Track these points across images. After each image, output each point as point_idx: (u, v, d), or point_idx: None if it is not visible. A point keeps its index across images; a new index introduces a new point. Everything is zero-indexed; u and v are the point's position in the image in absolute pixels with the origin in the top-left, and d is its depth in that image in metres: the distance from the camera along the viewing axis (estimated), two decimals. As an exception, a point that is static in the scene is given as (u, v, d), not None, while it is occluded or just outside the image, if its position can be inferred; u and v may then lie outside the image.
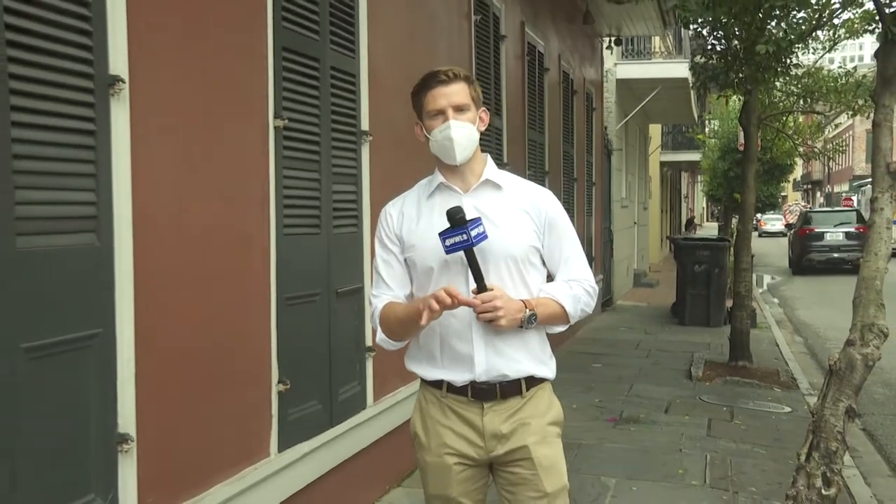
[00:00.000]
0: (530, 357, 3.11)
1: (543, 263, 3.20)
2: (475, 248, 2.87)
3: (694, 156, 35.59)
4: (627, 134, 21.94)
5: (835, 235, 28.61)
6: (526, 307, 2.97)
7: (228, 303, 4.35)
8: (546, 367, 3.18)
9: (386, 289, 3.18)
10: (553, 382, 3.24)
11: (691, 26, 11.61)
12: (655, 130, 31.86)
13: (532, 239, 3.10)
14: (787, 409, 8.97)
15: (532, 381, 3.13)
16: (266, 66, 4.69)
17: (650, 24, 16.11)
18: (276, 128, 4.74)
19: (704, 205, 70.28)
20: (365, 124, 5.80)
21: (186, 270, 4.04)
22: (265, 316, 4.70)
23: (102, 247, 3.52)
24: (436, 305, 2.79)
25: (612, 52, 18.65)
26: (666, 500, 6.03)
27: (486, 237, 2.89)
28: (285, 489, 4.71)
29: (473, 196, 3.11)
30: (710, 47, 11.39)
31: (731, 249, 14.01)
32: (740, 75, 10.61)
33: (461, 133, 3.00)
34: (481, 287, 2.89)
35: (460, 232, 2.83)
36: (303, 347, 5.03)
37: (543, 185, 10.99)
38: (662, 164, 36.01)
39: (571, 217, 12.92)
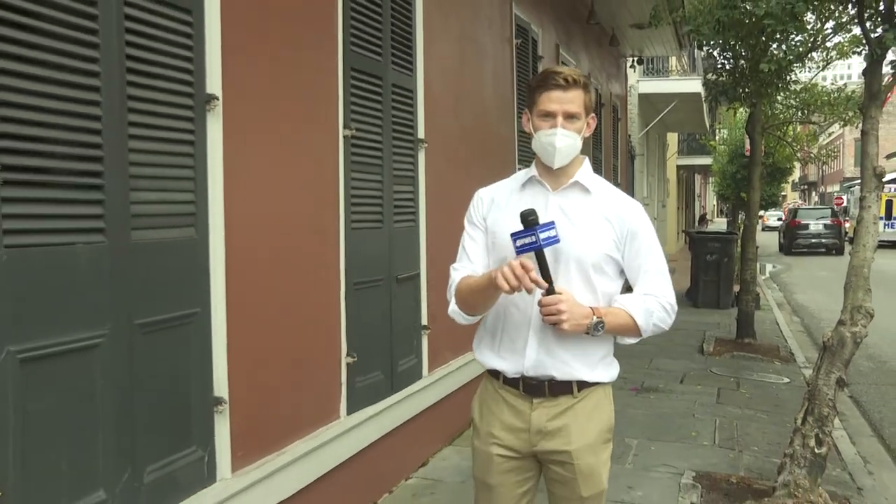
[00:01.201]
0: (584, 362, 2.80)
1: (621, 274, 2.87)
2: (547, 249, 2.62)
3: (706, 160, 35.29)
4: (648, 141, 21.80)
5: (816, 226, 33.57)
6: (594, 314, 2.68)
7: (304, 287, 4.43)
8: (603, 371, 2.88)
9: (467, 262, 2.92)
10: None
11: (704, 48, 11.70)
12: (672, 138, 31.66)
13: (609, 247, 2.78)
14: (786, 380, 8.97)
15: (585, 384, 2.83)
16: (336, 83, 4.76)
17: (668, 46, 16.05)
18: (345, 136, 4.80)
19: (715, 203, 69.46)
20: (421, 133, 5.85)
21: (269, 259, 4.11)
22: (336, 298, 4.77)
23: (200, 239, 3.61)
24: (508, 272, 2.50)
25: (634, 71, 18.55)
26: (681, 457, 6.06)
27: (556, 241, 2.62)
28: (353, 446, 4.77)
29: (560, 195, 2.85)
30: (720, 66, 11.56)
31: (739, 242, 13.97)
32: (746, 90, 10.67)
33: (565, 142, 2.74)
34: (550, 289, 2.62)
35: (530, 233, 2.58)
36: (368, 325, 5.08)
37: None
38: (678, 167, 35.73)
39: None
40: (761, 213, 18.00)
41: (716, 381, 8.82)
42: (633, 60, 17.13)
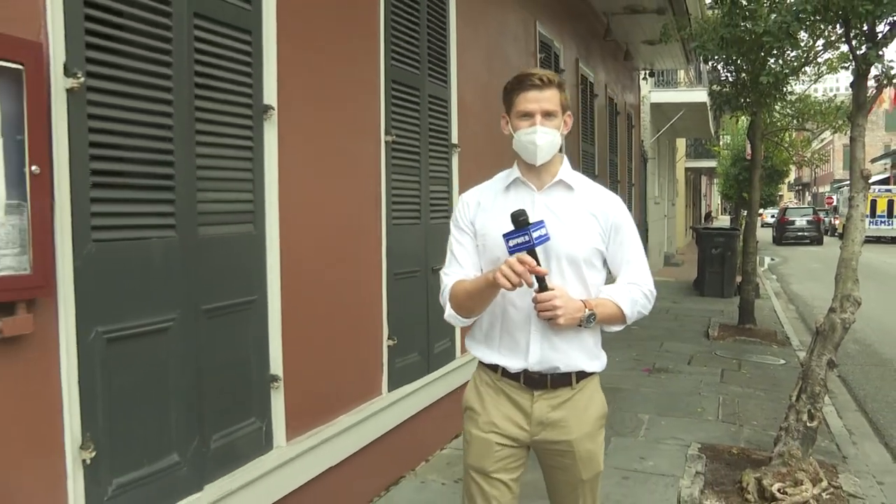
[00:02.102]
0: (583, 352, 2.67)
1: (605, 265, 2.73)
2: (539, 248, 2.48)
3: (711, 163, 35.28)
4: (659, 146, 21.68)
5: (801, 222, 36.60)
6: (586, 307, 2.55)
7: (350, 276, 4.48)
8: (597, 361, 2.75)
9: (458, 267, 2.72)
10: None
11: (709, 62, 11.72)
12: (681, 143, 31.47)
13: (596, 241, 2.65)
14: (782, 362, 8.93)
15: (582, 374, 2.70)
16: (379, 94, 4.81)
17: (676, 60, 16.01)
18: (386, 142, 4.85)
19: (719, 201, 69.06)
20: (455, 139, 5.87)
21: (318, 251, 4.17)
22: (378, 287, 4.82)
23: (257, 234, 3.68)
24: (508, 270, 2.37)
25: (647, 82, 18.48)
26: (688, 431, 6.07)
27: (548, 239, 2.49)
28: (394, 419, 4.83)
29: (546, 194, 2.68)
30: (723, 78, 11.61)
31: (741, 237, 13.92)
32: (747, 100, 10.70)
33: (545, 139, 2.59)
34: (542, 286, 2.48)
35: (523, 233, 2.43)
36: (406, 312, 5.12)
37: (593, 185, 11.16)
38: (686, 169, 35.58)
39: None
40: (760, 210, 17.97)
41: (720, 362, 8.80)
42: (646, 73, 17.13)
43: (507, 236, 2.46)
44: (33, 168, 2.43)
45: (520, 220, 2.44)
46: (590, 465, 2.72)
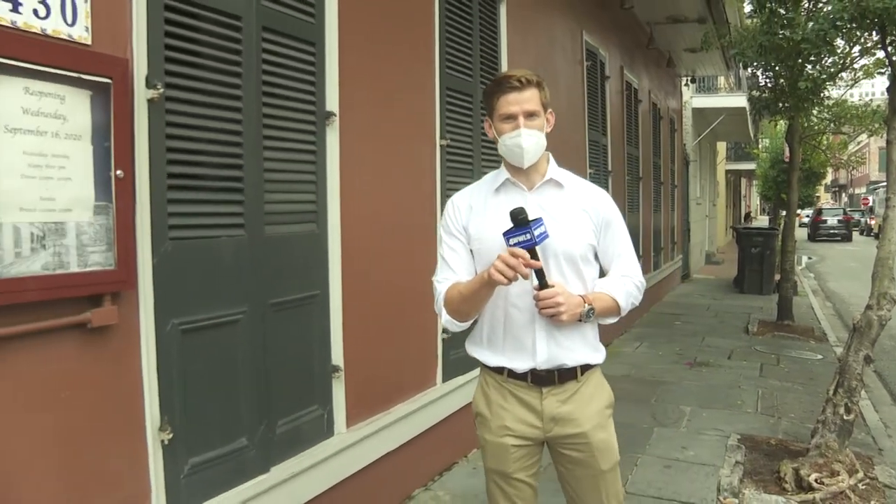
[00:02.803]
0: (586, 346, 2.56)
1: (597, 259, 2.62)
2: (538, 246, 2.36)
3: (750, 165, 34.77)
4: (701, 149, 21.41)
5: (832, 221, 38.13)
6: (585, 302, 2.45)
7: (407, 273, 4.50)
8: (599, 353, 2.63)
9: (450, 273, 2.56)
10: (644, 336, 2.81)
11: (748, 68, 11.56)
12: (721, 146, 31.00)
13: (590, 237, 2.54)
14: (819, 357, 8.73)
15: (586, 367, 2.59)
16: (434, 100, 4.82)
17: (717, 67, 15.78)
18: (441, 145, 4.87)
19: (758, 202, 67.99)
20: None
21: (377, 249, 4.20)
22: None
23: (320, 233, 3.72)
24: (502, 265, 2.26)
25: (688, 88, 18.27)
26: (728, 422, 5.99)
27: (547, 236, 2.38)
28: (447, 408, 4.85)
29: (537, 193, 2.55)
30: (762, 84, 11.40)
31: (779, 236, 13.70)
32: (786, 105, 10.50)
33: (531, 141, 2.46)
34: (543, 284, 2.38)
35: (524, 231, 2.31)
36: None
37: (638, 188, 11.05)
38: (727, 171, 35.06)
39: (659, 212, 12.88)
40: (798, 211, 17.71)
41: (759, 357, 8.65)
42: (687, 79, 16.94)
43: (508, 234, 2.33)
44: (118, 172, 2.50)
45: (519, 219, 2.32)
46: (607, 454, 2.60)
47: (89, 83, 2.42)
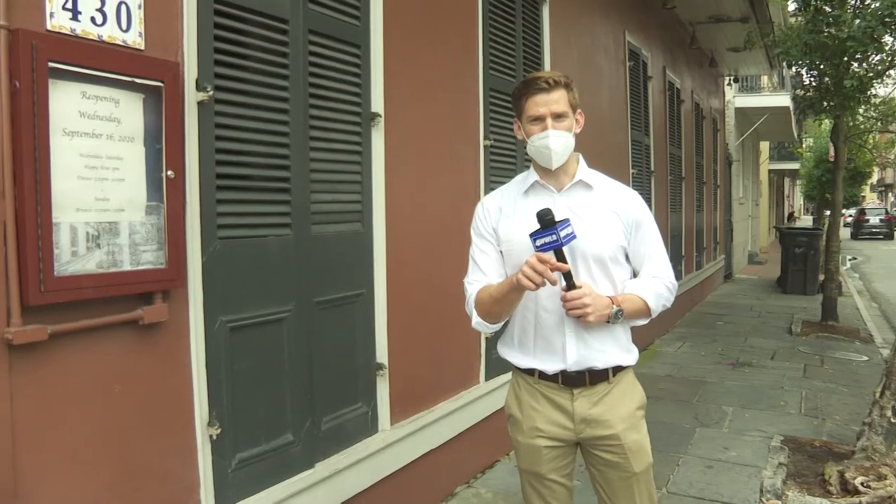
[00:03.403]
0: (617, 347, 2.51)
1: (628, 260, 2.56)
2: (566, 248, 2.31)
3: (794, 165, 34.27)
4: (743, 149, 21.12)
5: (874, 220, 39.33)
6: (613, 304, 2.41)
7: (450, 272, 4.48)
8: (630, 354, 2.57)
9: (481, 275, 2.57)
10: (686, 336, 2.71)
11: (793, 67, 11.35)
12: (764, 146, 30.57)
13: (619, 238, 2.48)
14: (865, 358, 8.55)
15: (618, 368, 2.53)
16: (478, 101, 4.81)
17: (760, 66, 15.53)
18: (484, 146, 4.85)
19: (801, 202, 66.92)
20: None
21: (421, 248, 4.20)
22: (475, 282, 4.82)
23: (365, 232, 3.74)
24: (529, 270, 2.22)
25: (731, 88, 18.02)
26: (770, 423, 5.89)
27: (574, 237, 2.31)
28: (490, 406, 4.82)
29: (566, 195, 2.50)
30: (807, 83, 11.19)
31: (824, 236, 13.48)
32: (831, 104, 10.30)
33: (558, 142, 2.43)
34: (570, 285, 2.33)
35: (550, 233, 2.26)
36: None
37: (680, 188, 10.93)
38: (770, 171, 34.50)
39: (701, 212, 12.75)
40: (843, 211, 17.41)
41: (803, 358, 8.51)
42: (730, 79, 16.70)
43: (534, 236, 2.28)
44: (169, 173, 2.53)
45: (546, 220, 2.28)
46: (640, 456, 2.53)
47: (142, 87, 2.45)
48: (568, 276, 2.33)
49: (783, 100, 18.80)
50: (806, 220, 47.12)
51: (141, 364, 2.53)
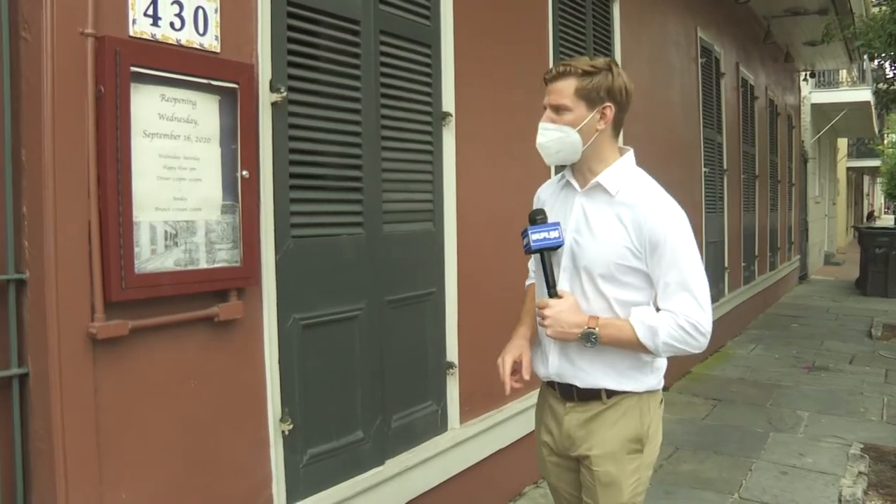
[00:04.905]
0: (607, 370, 2.24)
1: (646, 282, 2.22)
2: (565, 254, 2.25)
3: (874, 162, 33.14)
4: (820, 146, 20.55)
5: None
6: (588, 324, 2.15)
7: (520, 271, 4.47)
8: (632, 380, 2.26)
9: (531, 269, 2.58)
10: (759, 338, 2.37)
11: (875, 60, 10.96)
12: (842, 143, 29.77)
13: (622, 255, 2.17)
14: (954, 365, 8.25)
15: (613, 392, 2.26)
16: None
17: (839, 60, 15.01)
18: (553, 146, 4.82)
19: (882, 201, 64.81)
20: (620, 141, 5.74)
21: (491, 247, 4.17)
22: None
23: (436, 231, 3.74)
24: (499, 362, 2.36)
25: (807, 83, 17.53)
26: (849, 430, 5.68)
27: (553, 243, 2.22)
28: (557, 407, 4.78)
29: (587, 196, 2.27)
30: (891, 75, 10.77)
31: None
32: (916, 98, 9.92)
33: (544, 138, 2.25)
34: (550, 292, 2.22)
35: (525, 234, 2.25)
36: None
37: (753, 187, 10.68)
38: (848, 169, 33.59)
39: (776, 211, 12.42)
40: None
41: (884, 363, 8.20)
42: (806, 74, 16.20)
43: (522, 234, 2.27)
44: (244, 173, 2.57)
45: (535, 220, 2.25)
46: (610, 491, 2.25)
47: (218, 88, 2.49)
48: (549, 282, 2.23)
49: (863, 94, 18.23)
50: (887, 220, 45.62)
51: (216, 360, 2.57)
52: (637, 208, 2.17)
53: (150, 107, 2.30)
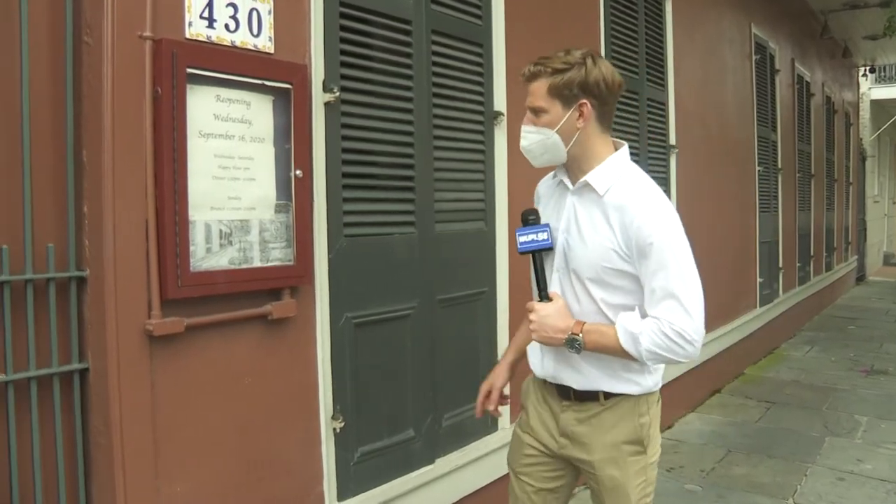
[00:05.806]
0: (603, 372, 2.15)
1: (635, 284, 2.09)
2: (558, 254, 2.18)
3: (940, 160, 32.16)
4: (880, 143, 20.03)
5: None
6: (572, 330, 2.08)
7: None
8: (630, 383, 2.17)
9: None
10: (814, 340, 2.28)
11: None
12: (904, 139, 29.04)
13: (608, 258, 2.07)
14: None
15: (610, 393, 2.18)
16: (599, 100, 4.74)
17: (902, 53, 14.69)
18: (606, 145, 4.77)
19: (948, 200, 63.13)
20: (672, 140, 5.67)
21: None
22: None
23: (488, 231, 3.71)
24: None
25: (866, 79, 17.06)
26: (912, 437, 5.56)
27: (542, 245, 2.17)
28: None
29: (577, 195, 2.18)
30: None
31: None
32: None
33: (526, 141, 2.18)
34: (541, 295, 2.18)
35: (518, 234, 2.21)
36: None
37: (809, 186, 10.45)
38: (910, 166, 32.76)
39: (832, 210, 12.14)
40: None
41: (946, 367, 8.00)
42: (866, 70, 15.76)
43: (518, 232, 2.21)
44: (297, 172, 2.58)
45: (527, 220, 2.21)
46: (616, 496, 2.19)
47: (272, 89, 2.51)
48: (539, 284, 2.19)
49: (927, 89, 17.73)
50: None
51: (269, 357, 2.59)
52: (624, 209, 2.06)
53: (205, 107, 2.32)
